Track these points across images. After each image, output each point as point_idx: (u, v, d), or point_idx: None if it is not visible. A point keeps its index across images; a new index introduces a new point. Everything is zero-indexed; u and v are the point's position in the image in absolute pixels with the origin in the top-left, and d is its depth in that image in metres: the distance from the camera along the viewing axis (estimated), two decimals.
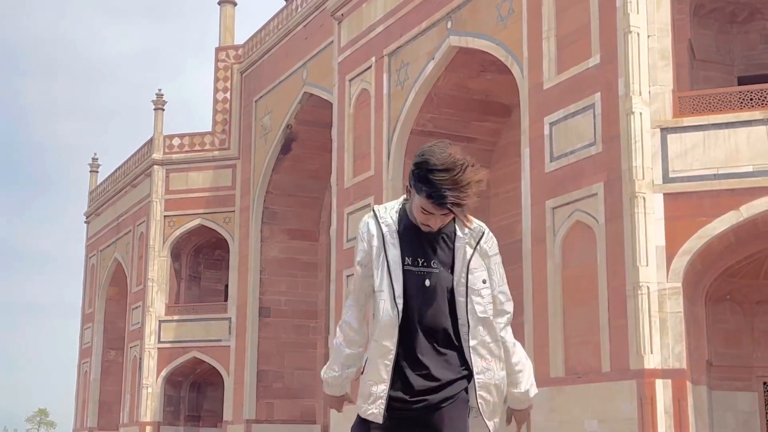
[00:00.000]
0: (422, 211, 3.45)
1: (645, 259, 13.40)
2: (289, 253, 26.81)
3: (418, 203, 3.45)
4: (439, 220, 3.47)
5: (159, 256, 28.91)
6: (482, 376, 3.56)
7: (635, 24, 14.04)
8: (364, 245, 3.61)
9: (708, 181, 13.65)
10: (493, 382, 3.59)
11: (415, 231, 3.56)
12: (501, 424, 3.73)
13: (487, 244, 3.65)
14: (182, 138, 29.48)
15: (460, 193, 3.36)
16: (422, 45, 18.85)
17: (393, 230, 3.57)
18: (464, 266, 3.56)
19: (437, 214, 3.43)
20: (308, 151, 25.99)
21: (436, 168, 3.35)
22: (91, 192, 36.45)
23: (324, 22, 23.50)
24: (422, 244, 3.57)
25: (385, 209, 3.63)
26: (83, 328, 35.72)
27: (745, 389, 15.55)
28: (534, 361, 14.95)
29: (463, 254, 3.58)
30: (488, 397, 3.58)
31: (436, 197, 3.36)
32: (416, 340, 3.54)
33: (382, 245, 3.56)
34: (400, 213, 3.61)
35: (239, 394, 26.42)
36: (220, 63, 28.96)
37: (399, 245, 3.55)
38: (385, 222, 3.59)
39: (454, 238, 3.59)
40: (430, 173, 3.36)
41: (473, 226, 3.62)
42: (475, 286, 3.56)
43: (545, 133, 15.34)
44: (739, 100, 13.96)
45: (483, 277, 3.60)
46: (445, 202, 3.36)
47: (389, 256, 3.54)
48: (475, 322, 3.55)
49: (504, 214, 19.84)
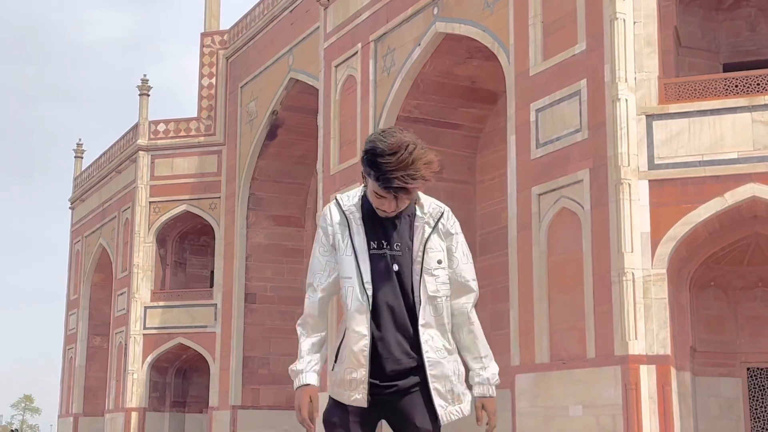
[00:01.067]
0: (375, 195, 3.50)
1: (630, 246, 13.45)
2: (275, 239, 26.78)
3: (371, 187, 3.50)
4: (393, 203, 3.49)
5: (144, 242, 28.83)
6: (431, 355, 3.54)
7: (621, 11, 14.05)
8: (326, 234, 3.64)
9: (693, 167, 13.70)
10: (445, 362, 3.56)
11: (376, 216, 3.59)
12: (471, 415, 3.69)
13: (447, 223, 3.66)
14: (167, 124, 29.37)
15: (407, 174, 3.38)
16: (408, 31, 18.81)
17: (357, 217, 3.60)
18: (421, 245, 3.58)
19: (389, 197, 3.47)
20: (294, 137, 25.94)
21: (384, 152, 3.38)
22: (76, 178, 36.29)
23: (310, 7, 23.41)
24: (386, 229, 3.59)
25: (348, 197, 3.67)
26: (68, 314, 35.62)
27: (729, 375, 15.64)
28: (519, 347, 15.02)
29: (421, 234, 3.59)
30: (439, 375, 3.55)
31: (383, 180, 3.40)
32: (385, 324, 3.55)
33: (348, 232, 3.59)
34: (362, 200, 3.64)
35: (225, 380, 26.42)
36: (206, 48, 28.83)
37: (363, 231, 3.58)
38: (348, 209, 3.62)
39: (414, 220, 3.62)
40: (378, 157, 3.39)
41: (432, 207, 3.64)
42: (429, 266, 3.57)
43: (531, 119, 15.35)
44: (724, 87, 13.99)
45: (439, 257, 3.60)
46: (392, 184, 3.40)
47: (355, 242, 3.57)
48: (426, 300, 3.55)
49: (490, 201, 19.87)
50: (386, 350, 3.54)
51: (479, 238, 20.16)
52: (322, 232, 3.65)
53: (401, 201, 3.50)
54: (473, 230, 20.22)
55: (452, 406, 3.58)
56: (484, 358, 3.70)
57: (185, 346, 27.97)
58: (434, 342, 3.55)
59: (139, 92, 30.08)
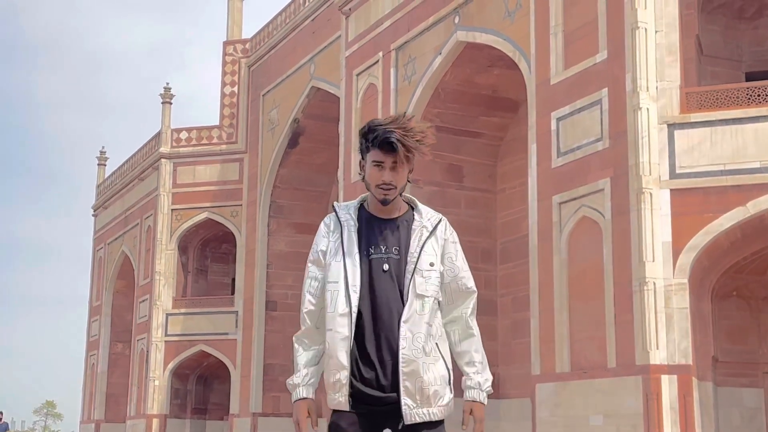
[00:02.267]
0: (374, 165, 3.59)
1: (651, 255, 13.40)
2: (296, 246, 26.84)
3: (370, 162, 3.60)
4: (391, 174, 3.57)
5: (166, 250, 28.97)
6: (407, 352, 3.52)
7: (643, 19, 14.03)
8: (319, 243, 3.71)
9: (715, 177, 13.64)
10: (419, 362, 3.52)
11: (375, 221, 3.66)
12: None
13: (446, 231, 3.72)
14: (189, 132, 29.54)
15: (404, 130, 3.53)
16: (429, 40, 18.86)
17: (351, 224, 3.67)
18: (418, 248, 3.62)
19: (388, 162, 3.56)
20: (315, 145, 26.02)
21: (380, 122, 3.58)
22: (99, 185, 36.54)
23: (331, 16, 23.51)
24: (383, 233, 3.65)
25: (346, 206, 3.74)
26: (91, 320, 35.83)
27: (751, 385, 15.54)
28: (540, 356, 14.99)
29: (419, 236, 3.64)
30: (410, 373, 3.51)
31: (382, 134, 3.53)
32: (380, 329, 3.57)
33: (341, 239, 3.65)
34: (359, 207, 3.72)
35: (246, 387, 26.49)
36: (228, 57, 28.99)
37: (358, 239, 3.64)
38: (344, 217, 3.69)
39: (412, 224, 3.67)
40: (376, 124, 3.58)
41: (430, 214, 3.72)
42: (421, 267, 3.60)
43: (552, 128, 15.35)
44: (746, 96, 13.93)
45: (431, 260, 3.63)
46: (390, 138, 3.51)
47: (345, 248, 3.62)
48: (412, 298, 3.57)
49: (510, 209, 19.85)
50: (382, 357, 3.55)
51: (500, 246, 20.14)
52: (315, 244, 3.73)
53: (400, 172, 3.58)
54: (494, 239, 20.21)
55: (420, 408, 3.53)
56: (478, 363, 3.69)
57: (206, 353, 28.08)
58: (414, 341, 3.53)
59: (162, 100, 30.27)
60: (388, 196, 3.61)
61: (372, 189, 3.64)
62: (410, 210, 3.72)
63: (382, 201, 3.63)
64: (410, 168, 3.64)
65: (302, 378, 3.64)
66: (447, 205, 18.79)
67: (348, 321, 3.55)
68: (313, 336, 3.69)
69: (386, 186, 3.59)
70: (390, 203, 3.64)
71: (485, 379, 3.69)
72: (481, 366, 3.69)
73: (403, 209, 3.72)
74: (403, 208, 3.71)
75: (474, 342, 3.71)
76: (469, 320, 3.73)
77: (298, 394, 3.63)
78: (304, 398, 3.62)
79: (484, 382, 3.68)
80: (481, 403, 3.67)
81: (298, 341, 3.71)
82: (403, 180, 3.63)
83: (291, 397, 3.69)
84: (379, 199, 3.63)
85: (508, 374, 19.42)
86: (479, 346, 3.72)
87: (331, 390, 3.58)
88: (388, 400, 3.55)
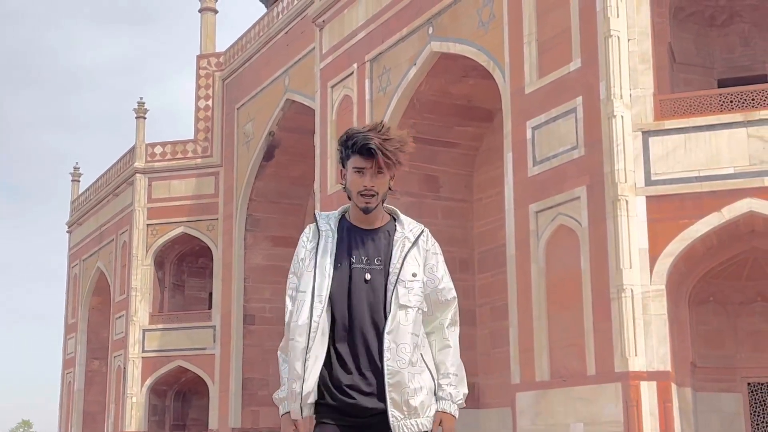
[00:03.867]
0: (355, 171, 3.58)
1: (628, 262, 13.44)
2: (273, 260, 26.74)
3: (351, 169, 3.59)
4: (372, 180, 3.56)
5: (142, 265, 28.79)
6: (392, 363, 3.50)
7: (615, 28, 14.10)
8: (299, 253, 3.69)
9: (690, 183, 13.72)
10: (405, 372, 3.50)
11: (356, 231, 3.65)
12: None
13: (428, 242, 3.70)
14: (164, 146, 29.40)
15: (383, 138, 3.54)
16: (404, 51, 18.88)
17: (330, 235, 3.65)
18: (400, 258, 3.60)
19: (368, 168, 3.55)
20: (291, 157, 25.96)
21: (359, 130, 3.60)
22: (73, 201, 36.28)
23: (305, 28, 23.50)
24: (364, 243, 3.63)
25: (327, 216, 3.73)
26: (66, 338, 35.51)
27: (730, 390, 15.60)
28: (519, 364, 14.99)
29: (401, 247, 3.62)
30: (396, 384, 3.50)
31: (362, 140, 3.53)
32: (357, 340, 3.55)
33: (315, 249, 3.63)
34: (340, 218, 3.71)
35: (224, 402, 26.33)
36: (202, 71, 28.90)
37: (337, 249, 3.62)
38: (323, 227, 3.67)
39: (394, 234, 3.65)
40: (355, 134, 3.59)
41: (412, 224, 3.71)
42: (404, 277, 3.58)
43: (528, 137, 15.38)
44: (719, 102, 14.04)
45: (414, 270, 3.61)
46: (369, 143, 3.51)
47: (318, 257, 3.60)
48: (395, 309, 3.54)
49: (487, 219, 19.88)
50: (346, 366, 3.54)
51: (477, 255, 20.15)
52: (296, 254, 3.71)
53: (380, 179, 3.57)
54: (471, 248, 20.21)
55: (408, 419, 3.51)
56: (453, 375, 3.65)
57: (184, 369, 27.89)
58: (398, 351, 3.51)
59: (136, 115, 30.12)
60: (369, 204, 3.59)
61: (354, 197, 3.61)
62: (392, 220, 3.70)
63: (363, 209, 3.61)
64: (391, 175, 3.62)
65: (286, 387, 3.63)
66: (424, 215, 18.78)
67: (306, 331, 3.52)
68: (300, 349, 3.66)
69: (367, 192, 3.57)
70: (372, 212, 3.62)
71: (458, 391, 3.64)
72: (455, 378, 3.65)
73: (385, 219, 3.70)
74: (384, 219, 3.70)
75: (450, 354, 3.67)
76: (446, 331, 3.70)
77: (285, 408, 3.61)
78: (286, 413, 3.60)
79: (456, 394, 3.64)
80: (451, 415, 3.62)
81: (282, 353, 3.70)
82: (385, 187, 3.61)
83: (279, 410, 3.68)
84: (360, 208, 3.61)
85: (488, 383, 19.40)
86: (455, 359, 3.68)
87: (290, 399, 3.55)
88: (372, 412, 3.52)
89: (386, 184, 3.61)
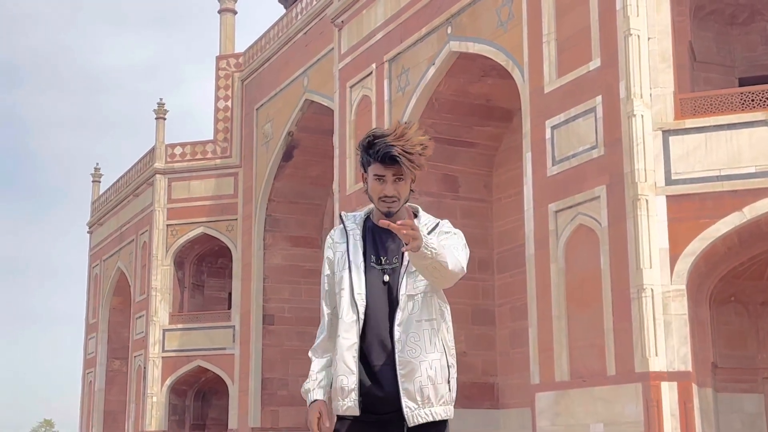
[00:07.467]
0: (376, 179, 3.61)
1: (648, 262, 13.38)
2: (292, 260, 26.79)
3: (372, 176, 3.62)
4: (393, 187, 3.59)
5: (162, 265, 28.90)
6: (403, 354, 3.55)
7: (635, 27, 14.04)
8: (327, 254, 3.77)
9: (711, 182, 13.63)
10: (416, 362, 3.53)
11: (378, 232, 3.71)
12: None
13: (443, 227, 3.72)
14: (184, 147, 29.51)
15: (405, 144, 3.54)
16: (423, 50, 18.86)
17: (358, 234, 3.72)
18: None
19: (389, 176, 3.58)
20: (310, 158, 26.00)
21: (382, 133, 3.60)
22: (94, 202, 36.47)
23: (324, 29, 23.52)
24: (385, 244, 3.70)
25: (353, 216, 3.80)
26: (87, 338, 35.71)
27: (751, 391, 15.51)
28: (539, 365, 14.95)
29: None
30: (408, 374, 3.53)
31: (383, 148, 3.53)
32: (374, 337, 3.61)
33: (347, 248, 3.70)
34: (365, 218, 3.78)
35: (244, 402, 26.39)
36: (221, 71, 28.98)
37: (362, 246, 3.69)
38: (350, 227, 3.75)
39: None
40: (376, 137, 3.59)
41: (428, 219, 3.76)
42: (411, 268, 3.61)
43: (547, 136, 15.34)
44: (740, 101, 13.94)
45: None
46: (391, 151, 3.52)
47: (350, 257, 3.67)
48: (404, 301, 3.60)
49: (506, 219, 19.83)
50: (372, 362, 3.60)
51: (497, 256, 20.11)
52: (325, 254, 3.80)
53: (402, 185, 3.60)
54: (491, 248, 20.17)
55: (422, 408, 3.55)
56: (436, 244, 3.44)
57: (204, 369, 27.98)
58: (408, 342, 3.56)
59: (156, 116, 30.24)
60: (391, 208, 3.65)
61: (375, 202, 3.68)
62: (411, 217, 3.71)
63: (386, 213, 3.65)
64: (413, 178, 3.67)
65: (312, 382, 3.71)
66: (443, 215, 18.48)
67: (356, 328, 3.60)
68: (326, 345, 3.77)
69: (389, 199, 3.63)
70: (394, 215, 3.66)
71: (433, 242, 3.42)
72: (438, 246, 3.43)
73: None
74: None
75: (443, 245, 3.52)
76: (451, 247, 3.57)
77: (311, 398, 3.69)
78: (316, 401, 3.68)
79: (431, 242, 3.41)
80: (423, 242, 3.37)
81: (312, 352, 3.80)
82: (406, 191, 3.67)
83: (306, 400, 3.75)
84: (383, 212, 3.67)
85: (507, 384, 19.36)
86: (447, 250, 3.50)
87: (339, 396, 3.61)
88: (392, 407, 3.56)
89: (408, 188, 3.67)
